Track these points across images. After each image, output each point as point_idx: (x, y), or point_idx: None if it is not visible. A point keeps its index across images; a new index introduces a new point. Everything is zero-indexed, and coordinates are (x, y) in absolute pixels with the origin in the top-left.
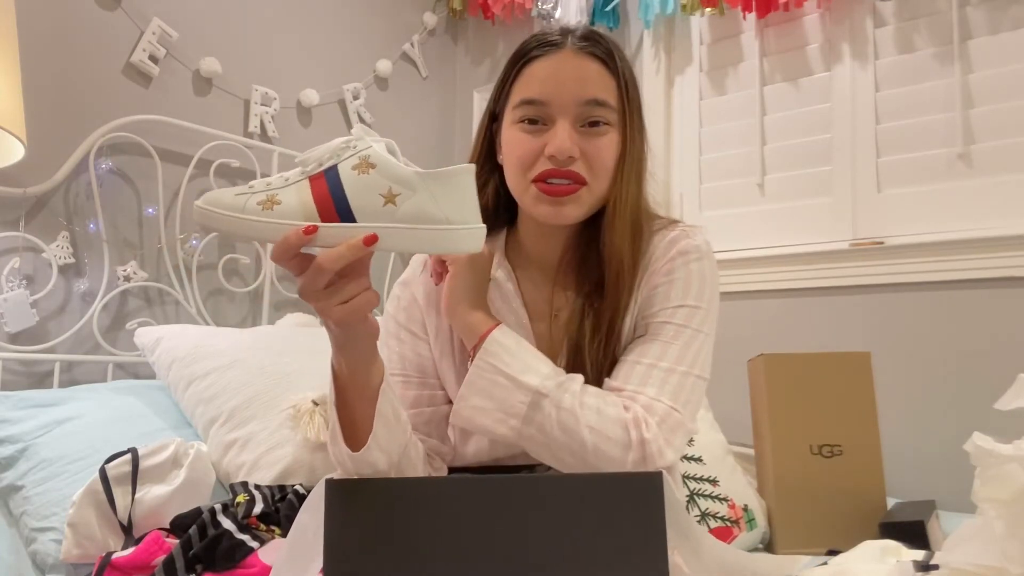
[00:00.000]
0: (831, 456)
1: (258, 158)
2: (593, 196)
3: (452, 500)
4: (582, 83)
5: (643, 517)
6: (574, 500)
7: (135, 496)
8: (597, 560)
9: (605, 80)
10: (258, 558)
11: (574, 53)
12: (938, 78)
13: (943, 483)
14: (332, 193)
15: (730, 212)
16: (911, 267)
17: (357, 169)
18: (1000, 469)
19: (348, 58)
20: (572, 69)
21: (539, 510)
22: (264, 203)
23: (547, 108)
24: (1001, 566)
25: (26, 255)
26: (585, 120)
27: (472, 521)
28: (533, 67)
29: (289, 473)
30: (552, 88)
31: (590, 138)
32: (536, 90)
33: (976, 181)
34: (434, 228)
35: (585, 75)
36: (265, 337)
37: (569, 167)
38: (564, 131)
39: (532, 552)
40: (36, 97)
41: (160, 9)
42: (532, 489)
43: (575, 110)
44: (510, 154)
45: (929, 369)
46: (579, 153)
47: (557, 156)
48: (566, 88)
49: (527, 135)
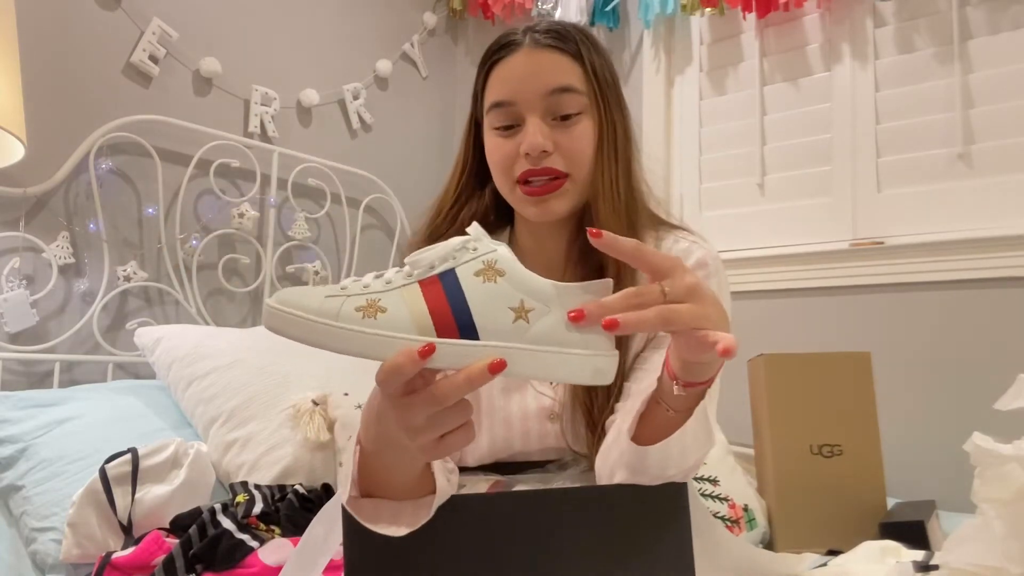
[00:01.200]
0: (831, 456)
1: (258, 158)
2: (577, 187)
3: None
4: (543, 75)
5: (669, 528)
6: (598, 513)
7: (135, 496)
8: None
9: (567, 67)
10: (258, 558)
11: (532, 48)
12: (938, 78)
13: (943, 483)
14: (451, 303)
15: (730, 212)
16: (911, 267)
17: (482, 276)
18: (1000, 469)
19: (348, 58)
20: (532, 64)
21: (562, 524)
22: (365, 309)
23: (515, 108)
24: (1001, 566)
25: (26, 255)
26: (555, 112)
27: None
28: (497, 70)
29: (289, 473)
30: (515, 87)
31: (563, 129)
32: (502, 92)
33: (976, 181)
34: (570, 353)
35: (545, 67)
36: (265, 337)
37: (545, 163)
38: (534, 127)
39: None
40: (36, 97)
41: (160, 9)
42: (554, 503)
43: (542, 104)
44: (491, 160)
45: (929, 369)
46: (553, 146)
47: (531, 153)
48: (528, 83)
49: (503, 139)
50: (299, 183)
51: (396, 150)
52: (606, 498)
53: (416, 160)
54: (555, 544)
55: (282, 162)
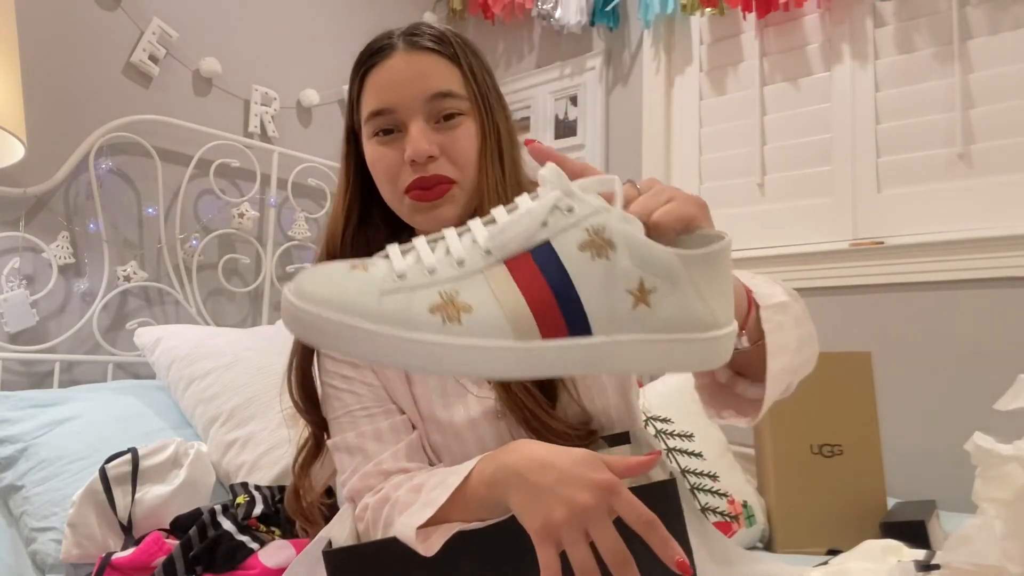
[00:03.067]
0: (831, 456)
1: (258, 158)
2: (466, 192)
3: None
4: (422, 79)
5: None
6: None
7: (135, 496)
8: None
9: (446, 70)
10: (258, 560)
11: (407, 51)
12: (938, 78)
13: (943, 483)
14: (554, 289)
15: (730, 212)
16: (911, 267)
17: (588, 250)
18: (1000, 469)
19: (348, 58)
20: (409, 68)
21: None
22: (442, 309)
23: (396, 115)
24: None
25: (26, 255)
26: (438, 115)
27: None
28: (372, 77)
29: (289, 473)
30: (394, 94)
31: (446, 131)
32: (380, 99)
33: (976, 181)
34: (699, 338)
35: (423, 70)
36: (265, 337)
37: (432, 169)
38: (418, 131)
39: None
40: (36, 97)
41: (160, 9)
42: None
43: (423, 108)
44: (375, 171)
45: (929, 369)
46: (439, 151)
47: (417, 160)
48: (407, 89)
49: (385, 148)
50: (299, 183)
51: None
52: None
53: None
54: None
55: (282, 162)
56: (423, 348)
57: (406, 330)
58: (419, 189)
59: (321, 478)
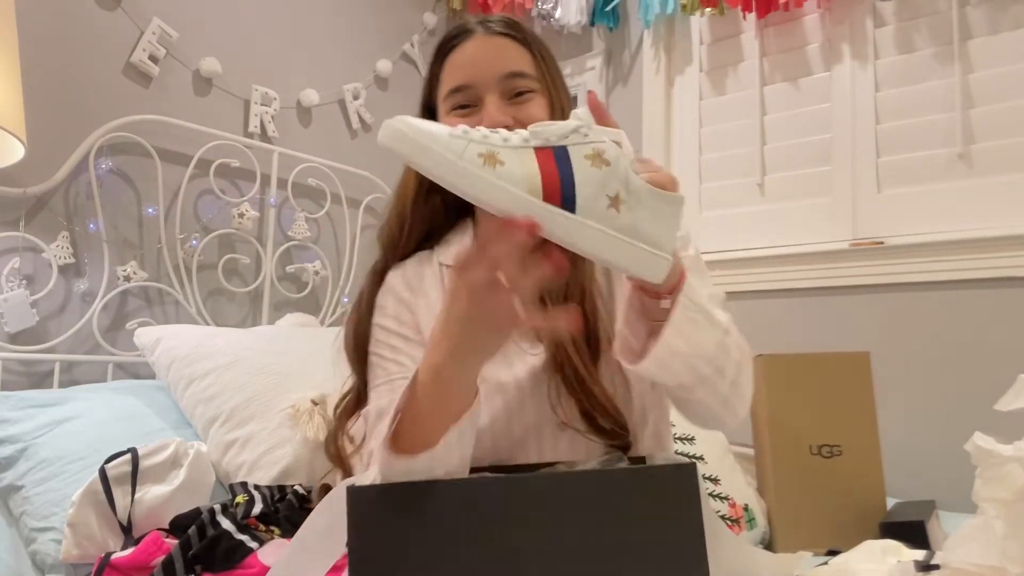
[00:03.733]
0: (831, 456)
1: (258, 158)
2: None
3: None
4: (499, 60)
5: (680, 509)
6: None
7: (135, 496)
8: (634, 554)
9: (519, 53)
10: (257, 559)
11: (486, 35)
12: (938, 78)
13: (943, 483)
14: (561, 175)
15: (730, 212)
16: (911, 267)
17: (591, 160)
18: (1000, 469)
19: (348, 58)
20: (488, 49)
21: (570, 509)
22: (487, 157)
23: (474, 90)
24: (1001, 566)
25: (26, 255)
26: (511, 92)
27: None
28: (453, 57)
29: (289, 473)
30: (473, 70)
31: (519, 106)
32: (460, 76)
33: (976, 181)
34: (644, 248)
35: (500, 52)
36: (265, 337)
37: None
38: (493, 105)
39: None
40: (36, 97)
41: (160, 9)
42: (562, 487)
43: (499, 85)
44: None
45: (929, 369)
46: (512, 121)
47: (492, 123)
48: (486, 67)
49: (461, 119)
50: (299, 183)
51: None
52: (614, 482)
53: None
54: (563, 529)
55: (282, 162)
56: (466, 173)
57: (460, 160)
58: None
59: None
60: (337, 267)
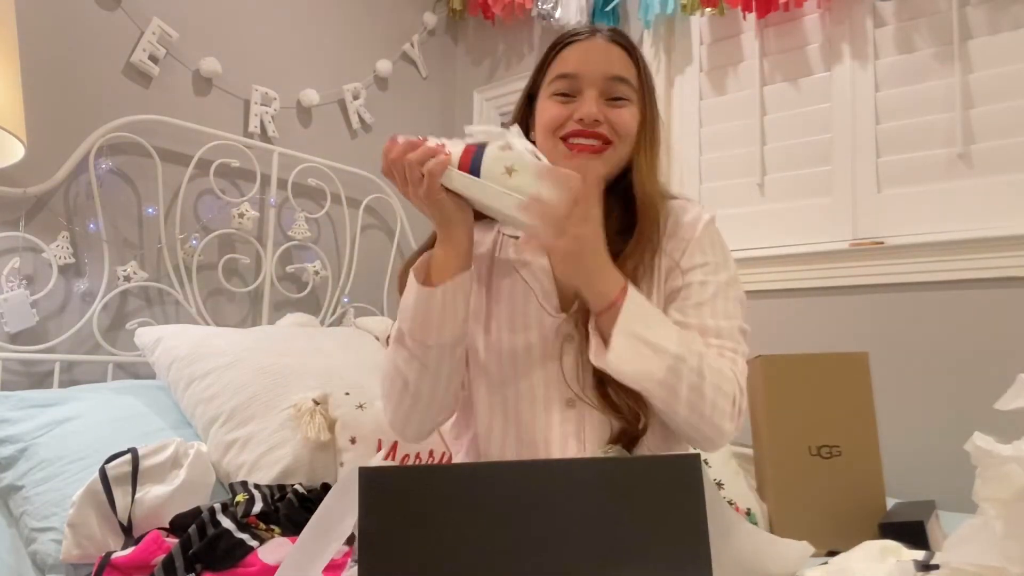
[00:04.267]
0: (830, 457)
1: (258, 158)
2: (617, 156)
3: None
4: (608, 62)
5: (683, 500)
6: (613, 483)
7: (135, 496)
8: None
9: (627, 62)
10: (257, 557)
11: (603, 39)
12: (938, 78)
13: (943, 483)
14: (474, 157)
15: (730, 212)
16: (911, 267)
17: (501, 148)
18: (1000, 469)
19: (348, 58)
20: (601, 50)
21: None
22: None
23: (578, 81)
24: (1001, 566)
25: (26, 255)
26: (610, 94)
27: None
28: (568, 50)
29: (289, 473)
30: (584, 64)
31: (613, 108)
32: (570, 65)
33: (976, 181)
34: (523, 201)
35: (611, 56)
36: (265, 337)
37: (596, 129)
38: (591, 99)
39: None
40: (36, 97)
41: (160, 9)
42: (571, 472)
43: (601, 84)
44: (542, 118)
45: (929, 369)
46: (604, 119)
47: (585, 119)
48: (595, 64)
49: (559, 104)
50: (299, 183)
51: None
52: (621, 468)
53: None
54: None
55: (282, 162)
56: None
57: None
58: (581, 137)
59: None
60: (337, 267)
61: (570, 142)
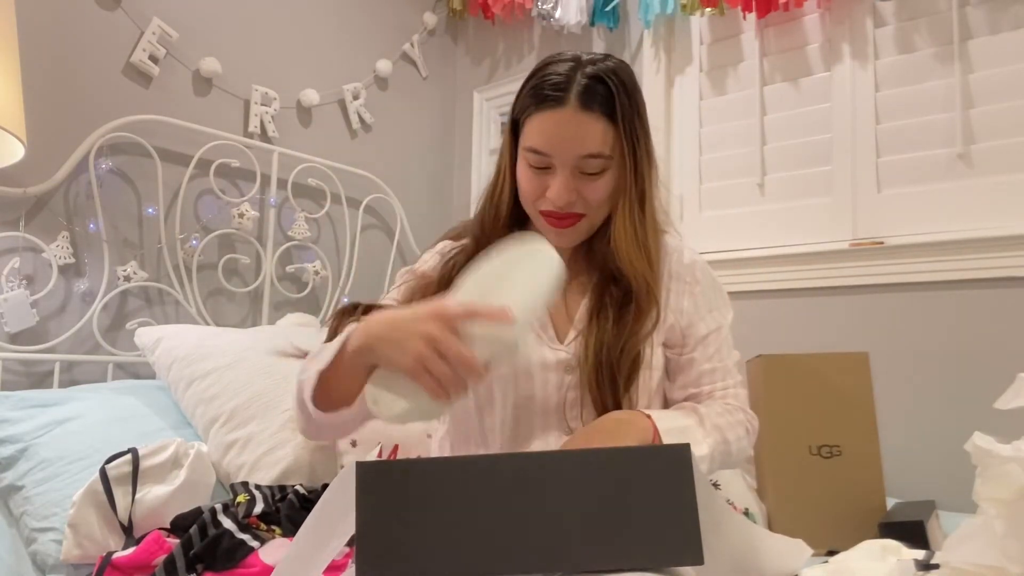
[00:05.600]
0: (830, 457)
1: (258, 158)
2: (591, 224)
3: (484, 477)
4: (581, 141)
5: (674, 490)
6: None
7: (135, 496)
8: (629, 532)
9: (604, 134)
10: (258, 558)
11: (575, 111)
12: (938, 78)
13: (943, 483)
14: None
15: (730, 212)
16: (911, 267)
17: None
18: (1000, 469)
19: (348, 58)
20: (573, 128)
21: (569, 486)
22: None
23: (550, 159)
24: (1001, 566)
25: (26, 255)
26: (583, 170)
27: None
28: (540, 117)
29: (289, 474)
30: (554, 144)
31: (587, 182)
32: (540, 143)
33: (976, 181)
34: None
35: (584, 133)
36: (265, 337)
37: (567, 209)
38: (562, 183)
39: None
40: (36, 97)
41: (160, 9)
42: (562, 465)
43: (573, 163)
44: (520, 183)
45: (929, 369)
46: (576, 196)
47: (555, 203)
48: (566, 145)
49: (534, 175)
50: (299, 183)
51: (396, 150)
52: (611, 460)
53: (416, 160)
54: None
55: (282, 162)
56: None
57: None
58: (553, 218)
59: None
60: (337, 267)
61: (545, 217)
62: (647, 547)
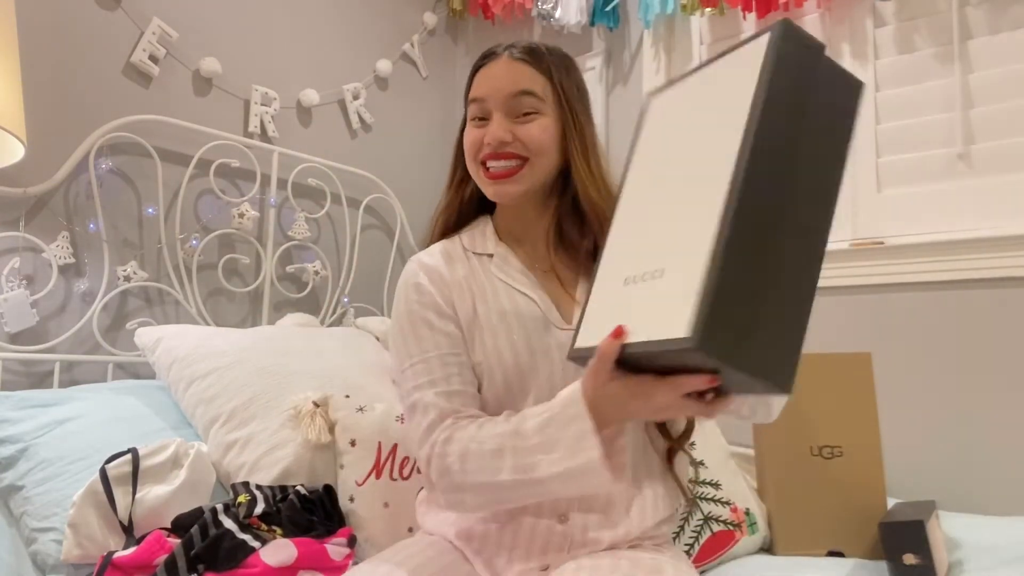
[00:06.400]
0: (831, 457)
1: (258, 158)
2: (535, 172)
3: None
4: (512, 79)
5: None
6: None
7: (135, 496)
8: None
9: (532, 76)
10: (259, 558)
11: (507, 59)
12: (938, 78)
13: (943, 483)
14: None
15: None
16: (911, 267)
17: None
18: None
19: (348, 58)
20: (504, 69)
21: None
22: None
23: (486, 104)
24: None
25: (26, 255)
26: (517, 111)
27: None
28: (479, 74)
29: (290, 474)
30: (488, 86)
31: (522, 124)
32: (478, 90)
33: (976, 181)
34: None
35: (514, 73)
36: (265, 337)
37: (506, 150)
38: (498, 121)
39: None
40: (36, 97)
41: (160, 9)
42: None
43: (506, 103)
44: (465, 146)
45: (929, 369)
46: (512, 137)
47: (491, 144)
48: (499, 84)
49: (475, 129)
50: (299, 183)
51: (396, 150)
52: None
53: (416, 160)
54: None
55: (282, 162)
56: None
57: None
58: (494, 159)
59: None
60: (337, 267)
61: (487, 167)
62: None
